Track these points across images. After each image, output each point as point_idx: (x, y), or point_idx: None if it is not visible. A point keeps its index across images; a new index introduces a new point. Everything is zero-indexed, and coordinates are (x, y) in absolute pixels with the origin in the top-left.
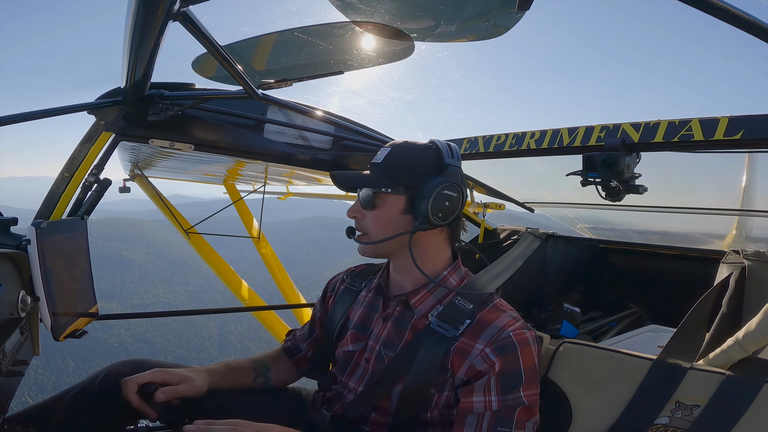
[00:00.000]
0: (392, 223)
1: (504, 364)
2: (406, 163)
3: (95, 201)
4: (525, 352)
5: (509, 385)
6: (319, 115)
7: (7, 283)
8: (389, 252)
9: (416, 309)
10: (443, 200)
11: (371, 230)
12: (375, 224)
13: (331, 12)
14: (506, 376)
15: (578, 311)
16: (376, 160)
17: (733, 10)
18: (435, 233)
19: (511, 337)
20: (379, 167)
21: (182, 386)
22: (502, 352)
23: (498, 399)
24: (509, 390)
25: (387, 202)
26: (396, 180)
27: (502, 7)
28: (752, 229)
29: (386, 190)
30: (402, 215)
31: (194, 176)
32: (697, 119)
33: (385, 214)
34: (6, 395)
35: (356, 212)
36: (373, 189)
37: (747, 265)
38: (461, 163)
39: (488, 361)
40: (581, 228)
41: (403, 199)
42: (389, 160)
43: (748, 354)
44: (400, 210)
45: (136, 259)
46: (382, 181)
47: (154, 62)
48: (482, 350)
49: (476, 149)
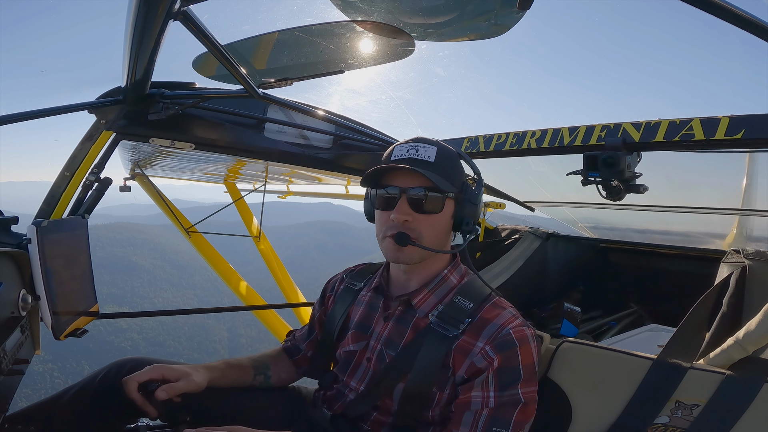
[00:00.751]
0: (446, 227)
1: (503, 361)
2: (454, 166)
3: (96, 200)
4: (524, 350)
5: (507, 381)
6: (319, 114)
7: (8, 281)
8: (429, 255)
9: (419, 309)
10: (477, 207)
11: (425, 234)
12: (430, 229)
13: (332, 11)
14: (504, 372)
15: (578, 310)
16: (426, 158)
17: (734, 10)
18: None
19: (511, 334)
20: (436, 168)
21: (182, 383)
22: (502, 350)
23: (495, 395)
24: (507, 386)
25: (441, 205)
26: (453, 184)
27: (503, 6)
28: (753, 229)
29: (450, 195)
30: (450, 219)
31: (195, 175)
32: (698, 119)
33: (442, 218)
34: (7, 394)
35: (408, 215)
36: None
37: (747, 264)
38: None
39: (488, 358)
40: (582, 227)
41: (453, 203)
42: (442, 161)
43: (748, 354)
44: (451, 214)
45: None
46: (446, 184)
47: (154, 61)
48: (482, 348)
49: (476, 148)
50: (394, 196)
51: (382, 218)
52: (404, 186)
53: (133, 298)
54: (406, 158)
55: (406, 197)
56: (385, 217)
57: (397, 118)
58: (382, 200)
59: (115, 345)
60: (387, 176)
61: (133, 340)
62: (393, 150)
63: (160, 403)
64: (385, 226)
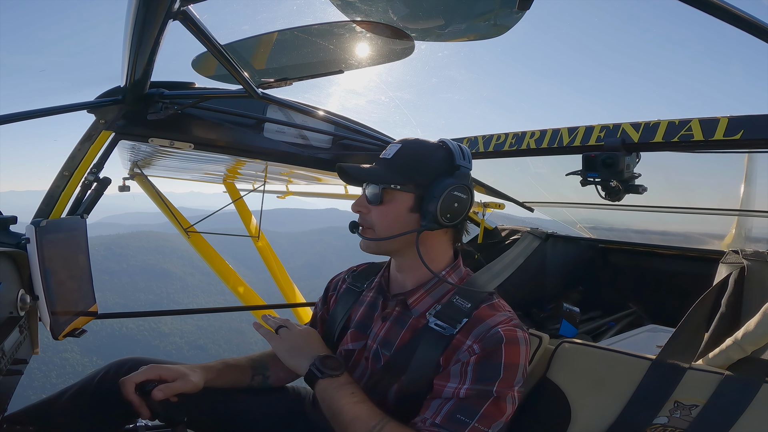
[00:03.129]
0: (399, 220)
1: (484, 355)
2: (417, 161)
3: (95, 200)
4: (510, 349)
5: (484, 376)
6: (319, 114)
7: (7, 281)
8: (392, 249)
9: (414, 309)
10: (453, 201)
11: (377, 226)
12: (381, 220)
13: (332, 11)
14: (483, 366)
15: (577, 311)
16: (386, 155)
17: (734, 10)
18: (440, 233)
19: (500, 332)
20: (390, 163)
21: (178, 383)
22: (486, 345)
23: (468, 387)
24: (482, 381)
25: (395, 198)
26: (407, 177)
27: (503, 6)
28: (752, 229)
29: (395, 187)
30: (409, 213)
31: (194, 175)
32: (697, 119)
33: (392, 210)
34: (5, 394)
35: (362, 207)
36: (383, 185)
37: (746, 265)
38: (472, 165)
39: (471, 353)
40: (581, 228)
41: (412, 197)
42: (400, 156)
43: (746, 354)
44: (407, 208)
45: (175, 271)
46: (393, 177)
47: (154, 61)
48: (470, 346)
49: (476, 149)
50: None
51: None
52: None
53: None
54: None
55: (364, 191)
56: None
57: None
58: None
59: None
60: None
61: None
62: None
63: (158, 403)
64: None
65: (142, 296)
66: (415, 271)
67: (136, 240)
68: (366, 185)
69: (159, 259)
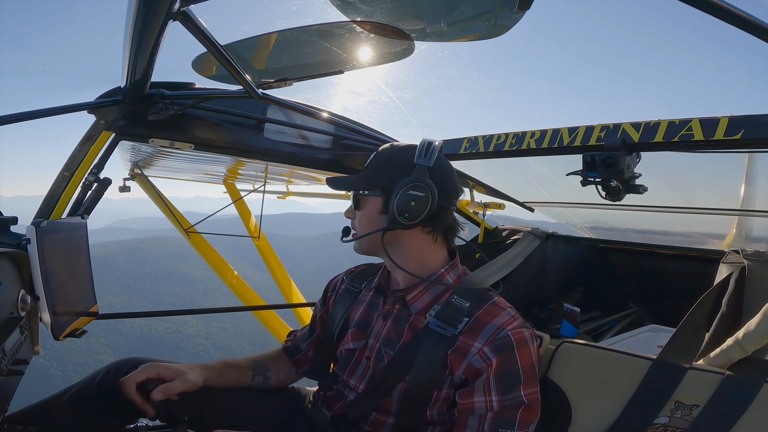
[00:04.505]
0: (372, 222)
1: (501, 363)
2: (384, 166)
3: (95, 200)
4: (522, 351)
5: (509, 384)
6: (319, 114)
7: (7, 282)
8: (374, 249)
9: (412, 305)
10: (408, 200)
11: (358, 229)
12: (360, 223)
13: (331, 11)
14: (504, 375)
15: (578, 311)
16: (365, 163)
17: (733, 10)
18: (416, 232)
19: (510, 336)
20: (365, 170)
21: (177, 382)
22: (500, 351)
23: (498, 399)
24: (509, 389)
25: (368, 203)
26: (373, 182)
27: (503, 6)
28: (752, 229)
29: (364, 192)
30: (380, 215)
31: (194, 176)
32: (698, 119)
33: (366, 214)
34: (6, 394)
35: (349, 213)
36: (354, 191)
37: (747, 265)
38: (436, 160)
39: (486, 360)
40: (581, 228)
41: (380, 200)
42: (372, 162)
43: (747, 354)
44: (377, 210)
45: (196, 275)
46: (363, 183)
47: (154, 61)
48: (480, 349)
49: (476, 149)
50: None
51: None
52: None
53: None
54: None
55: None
56: None
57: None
58: None
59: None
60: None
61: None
62: None
63: (158, 403)
64: None
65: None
66: (412, 270)
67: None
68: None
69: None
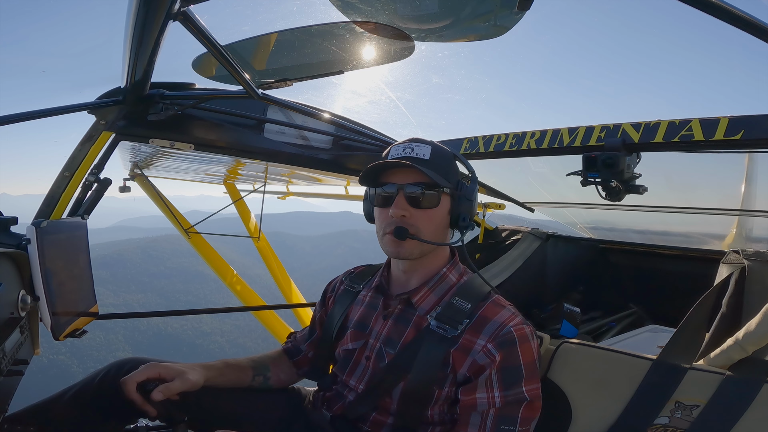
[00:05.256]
0: (443, 222)
1: (504, 359)
2: (449, 164)
3: (95, 201)
4: (524, 347)
5: (511, 380)
6: (319, 115)
7: (7, 282)
8: (427, 252)
9: (419, 307)
10: (471, 205)
11: (423, 229)
12: (428, 223)
13: (332, 12)
14: (507, 371)
15: (578, 311)
16: (421, 156)
17: (733, 10)
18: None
19: (512, 332)
20: (429, 165)
21: (177, 382)
22: (503, 347)
23: (501, 395)
24: (511, 385)
25: (441, 201)
26: (448, 179)
27: (503, 7)
28: (752, 229)
29: (445, 190)
30: (447, 215)
31: (194, 176)
32: (698, 119)
33: (439, 213)
34: (6, 394)
35: (405, 210)
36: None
37: (747, 265)
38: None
39: (490, 356)
40: (581, 228)
41: (449, 199)
42: (437, 158)
43: (747, 354)
44: (447, 210)
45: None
46: (441, 180)
47: (154, 62)
48: (484, 346)
49: (476, 149)
50: (392, 194)
51: (382, 216)
52: (401, 183)
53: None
54: (403, 157)
55: (403, 193)
56: (384, 214)
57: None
58: (381, 198)
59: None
60: (385, 174)
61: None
62: (390, 150)
63: (158, 403)
64: (385, 223)
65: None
66: (422, 269)
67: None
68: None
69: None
